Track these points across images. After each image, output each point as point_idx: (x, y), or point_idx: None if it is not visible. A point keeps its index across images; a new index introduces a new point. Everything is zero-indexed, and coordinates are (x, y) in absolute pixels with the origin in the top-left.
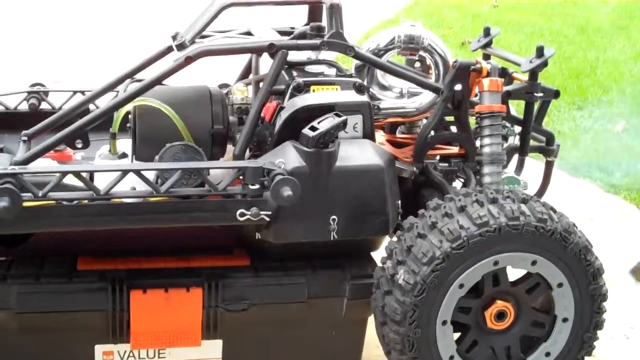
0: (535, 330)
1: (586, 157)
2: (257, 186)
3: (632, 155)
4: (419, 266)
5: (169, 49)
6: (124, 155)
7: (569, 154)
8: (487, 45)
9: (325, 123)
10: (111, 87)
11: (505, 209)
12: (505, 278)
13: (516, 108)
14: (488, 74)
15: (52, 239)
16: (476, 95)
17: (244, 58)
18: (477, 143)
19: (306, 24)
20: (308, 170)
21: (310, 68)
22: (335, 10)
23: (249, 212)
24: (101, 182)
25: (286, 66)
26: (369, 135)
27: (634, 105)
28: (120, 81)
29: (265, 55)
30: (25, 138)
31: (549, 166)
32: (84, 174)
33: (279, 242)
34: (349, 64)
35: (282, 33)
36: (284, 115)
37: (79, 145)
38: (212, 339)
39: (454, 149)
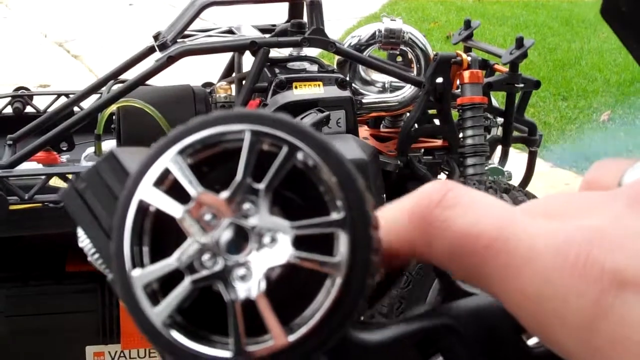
0: None
1: (572, 148)
2: None
3: (617, 145)
4: None
5: (151, 49)
6: None
7: (555, 144)
8: (468, 37)
9: (308, 119)
10: (95, 88)
11: None
12: None
13: (501, 101)
14: (469, 66)
15: (40, 241)
16: (458, 88)
17: (226, 56)
18: (460, 135)
19: (287, 21)
20: None
21: (292, 65)
22: (315, 7)
23: None
24: None
25: (268, 63)
26: (352, 130)
27: (619, 95)
28: (103, 83)
29: (247, 53)
30: (11, 142)
31: (532, 156)
32: (69, 176)
33: None
34: (331, 60)
35: (263, 31)
36: None
37: (64, 148)
38: None
39: (438, 142)
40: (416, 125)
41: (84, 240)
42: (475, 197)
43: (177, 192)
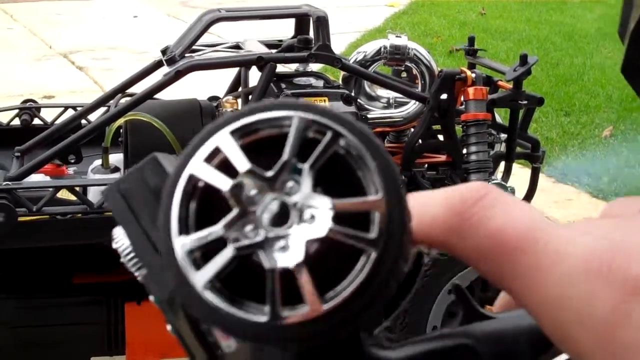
0: None
1: (574, 163)
2: None
3: (619, 161)
4: None
5: (159, 64)
6: (116, 170)
7: (557, 160)
8: (472, 54)
9: None
10: (102, 102)
11: None
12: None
13: (504, 117)
14: (473, 83)
15: (47, 253)
16: (462, 104)
17: (233, 71)
18: (464, 151)
19: (293, 37)
20: None
21: (298, 80)
22: (321, 23)
23: None
24: (94, 196)
25: (274, 78)
26: None
27: (621, 111)
28: (111, 96)
29: (254, 67)
30: (19, 154)
31: (535, 172)
32: (77, 188)
33: None
34: (337, 76)
35: (270, 46)
36: None
37: (72, 160)
38: None
39: (441, 157)
40: (420, 141)
41: (119, 241)
42: (511, 201)
43: (225, 170)
